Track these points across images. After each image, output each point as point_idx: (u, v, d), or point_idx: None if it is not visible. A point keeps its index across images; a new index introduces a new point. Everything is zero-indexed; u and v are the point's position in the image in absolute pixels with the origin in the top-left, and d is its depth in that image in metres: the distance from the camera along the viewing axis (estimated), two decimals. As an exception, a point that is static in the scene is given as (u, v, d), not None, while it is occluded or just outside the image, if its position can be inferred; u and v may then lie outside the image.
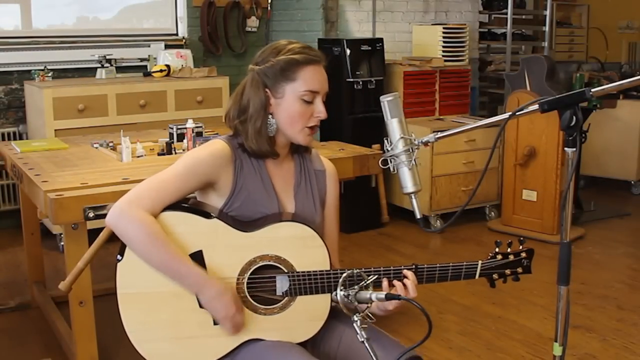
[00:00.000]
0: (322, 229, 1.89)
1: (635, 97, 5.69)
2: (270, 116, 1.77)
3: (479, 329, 3.25)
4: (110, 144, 3.23)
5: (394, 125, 1.67)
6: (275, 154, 1.81)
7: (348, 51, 4.66)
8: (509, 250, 1.83)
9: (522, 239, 1.85)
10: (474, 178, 4.88)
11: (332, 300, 1.73)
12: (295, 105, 1.75)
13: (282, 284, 1.73)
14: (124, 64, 4.89)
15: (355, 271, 1.60)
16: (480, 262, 1.81)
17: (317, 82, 1.76)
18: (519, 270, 1.83)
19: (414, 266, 1.77)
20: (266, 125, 1.76)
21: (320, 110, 1.77)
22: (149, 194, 1.68)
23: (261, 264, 1.72)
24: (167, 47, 5.10)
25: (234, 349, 1.72)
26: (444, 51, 5.06)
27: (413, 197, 1.66)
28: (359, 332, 1.48)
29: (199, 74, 4.76)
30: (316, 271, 1.73)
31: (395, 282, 1.72)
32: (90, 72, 4.80)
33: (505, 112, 2.02)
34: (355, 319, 1.50)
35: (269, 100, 1.76)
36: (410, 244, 4.49)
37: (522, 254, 1.83)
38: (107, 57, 4.72)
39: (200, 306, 1.69)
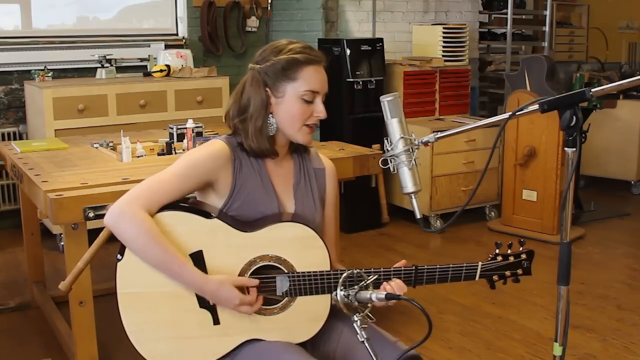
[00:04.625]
0: (322, 227, 1.89)
1: (635, 97, 5.69)
2: (270, 115, 1.77)
3: (479, 329, 3.25)
4: (110, 144, 3.23)
5: (394, 125, 1.67)
6: (275, 153, 1.81)
7: (348, 51, 4.66)
8: (509, 251, 1.83)
9: (522, 240, 1.85)
10: (474, 178, 4.88)
11: (332, 300, 1.73)
12: (296, 105, 1.75)
13: (282, 284, 1.73)
14: (124, 64, 4.88)
15: (355, 271, 1.60)
16: (480, 263, 1.81)
17: (318, 82, 1.76)
18: (519, 271, 1.83)
19: (414, 267, 1.77)
20: (266, 125, 1.77)
21: (320, 110, 1.77)
22: (146, 194, 1.68)
23: (261, 264, 1.72)
24: (167, 47, 5.10)
25: (234, 348, 1.72)
26: (444, 51, 5.06)
27: (413, 197, 1.66)
28: (359, 332, 1.48)
29: (199, 74, 4.76)
30: (316, 272, 1.73)
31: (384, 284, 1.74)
32: (90, 72, 4.80)
33: (505, 112, 2.02)
34: (355, 319, 1.50)
35: (269, 99, 1.76)
36: (410, 244, 4.49)
37: (522, 255, 1.83)
38: (107, 57, 4.72)
39: (201, 306, 1.70)
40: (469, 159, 4.84)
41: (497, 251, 1.83)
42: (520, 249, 1.84)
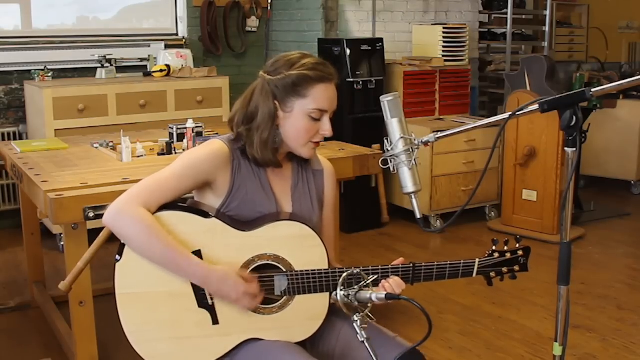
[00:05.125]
0: (321, 228, 1.89)
1: (635, 97, 5.69)
2: (276, 127, 1.76)
3: (479, 329, 3.25)
4: (110, 144, 3.23)
5: (394, 125, 1.67)
6: (278, 164, 1.80)
7: (348, 51, 4.66)
8: (505, 248, 1.84)
9: (518, 237, 1.86)
10: (474, 178, 4.88)
11: (331, 299, 1.73)
12: (303, 122, 1.74)
13: (280, 283, 1.73)
14: (124, 64, 4.88)
15: (355, 271, 1.60)
16: (477, 260, 1.81)
17: (327, 101, 1.75)
18: (516, 268, 1.84)
19: (411, 265, 1.78)
20: (273, 137, 1.76)
21: (326, 129, 1.76)
22: (145, 192, 1.68)
23: (260, 263, 1.72)
24: (167, 47, 5.10)
25: (233, 348, 1.72)
26: (444, 51, 5.06)
27: (413, 197, 1.66)
28: (359, 332, 1.48)
29: (199, 74, 4.76)
30: (314, 270, 1.73)
31: (383, 282, 1.74)
32: (90, 72, 4.80)
33: (505, 112, 2.01)
34: (356, 318, 1.49)
35: (277, 112, 1.75)
36: (410, 244, 4.49)
37: (518, 252, 1.84)
38: (107, 57, 4.72)
39: (200, 306, 1.70)
40: (469, 159, 4.84)
41: (493, 248, 1.83)
42: (517, 245, 1.84)
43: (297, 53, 1.79)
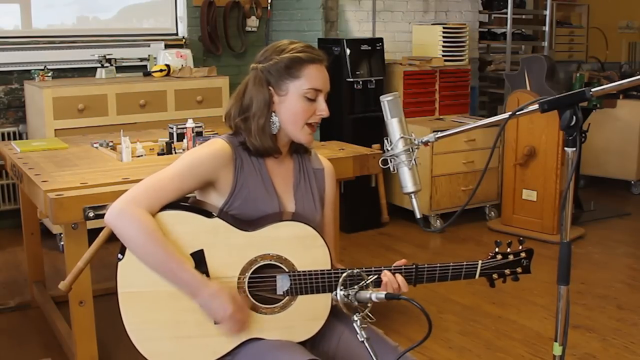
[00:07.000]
0: (322, 227, 1.89)
1: (635, 97, 5.69)
2: (273, 114, 1.77)
3: (479, 329, 3.25)
4: (110, 144, 3.23)
5: (394, 125, 1.67)
6: (278, 151, 1.81)
7: (348, 51, 4.66)
8: (508, 250, 1.84)
9: (521, 239, 1.85)
10: (474, 178, 4.88)
11: (332, 300, 1.73)
12: (299, 103, 1.75)
13: (283, 283, 1.73)
14: (124, 64, 4.89)
15: (355, 271, 1.60)
16: (480, 262, 1.81)
17: (320, 80, 1.77)
18: (519, 270, 1.84)
19: (414, 266, 1.78)
20: (269, 123, 1.77)
21: (322, 108, 1.78)
22: (147, 193, 1.68)
23: (262, 263, 1.72)
24: (167, 46, 5.10)
25: (235, 348, 1.72)
26: (444, 51, 5.06)
27: (413, 197, 1.66)
28: (358, 331, 1.48)
29: (199, 73, 4.76)
30: (317, 271, 1.73)
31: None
32: (90, 72, 4.80)
33: (505, 112, 2.02)
34: (355, 318, 1.50)
35: (272, 97, 1.77)
36: (410, 244, 4.49)
37: (521, 254, 1.84)
38: (107, 57, 4.72)
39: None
40: (469, 159, 4.84)
41: (496, 250, 1.83)
42: (520, 247, 1.84)
43: (285, 41, 1.82)
